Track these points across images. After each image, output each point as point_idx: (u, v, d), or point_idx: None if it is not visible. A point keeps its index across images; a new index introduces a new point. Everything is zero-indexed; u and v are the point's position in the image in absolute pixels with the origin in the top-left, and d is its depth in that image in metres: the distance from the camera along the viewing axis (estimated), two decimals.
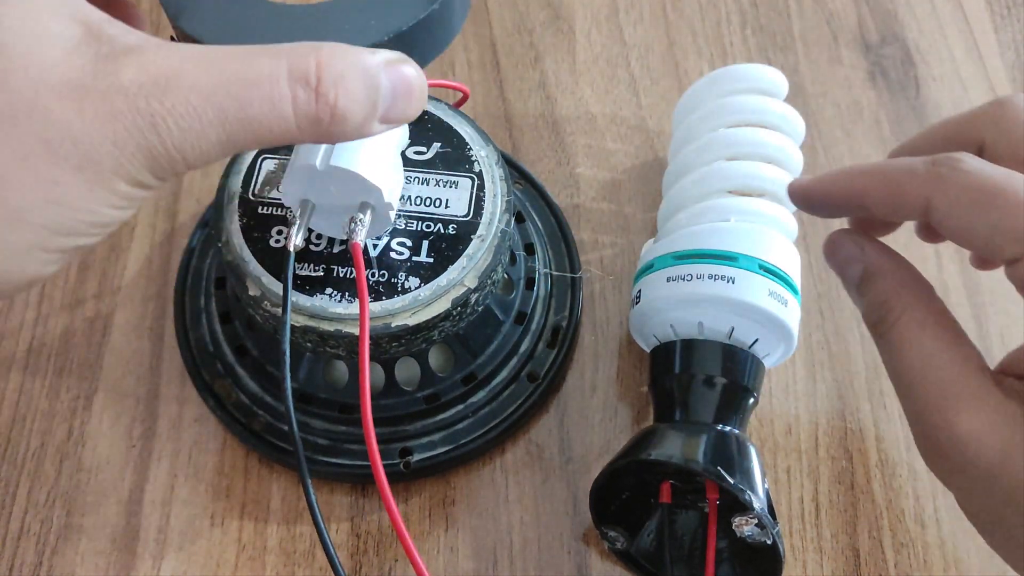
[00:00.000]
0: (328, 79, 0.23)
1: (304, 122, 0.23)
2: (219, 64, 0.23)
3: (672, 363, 0.38)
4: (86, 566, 0.39)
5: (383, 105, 0.25)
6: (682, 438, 0.35)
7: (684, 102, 0.43)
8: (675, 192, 0.41)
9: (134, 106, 0.22)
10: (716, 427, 0.36)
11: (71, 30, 0.22)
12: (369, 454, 0.29)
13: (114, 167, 0.22)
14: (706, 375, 0.37)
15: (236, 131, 0.23)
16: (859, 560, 0.39)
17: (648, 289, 0.38)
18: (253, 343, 0.41)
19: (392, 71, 0.25)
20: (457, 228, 0.36)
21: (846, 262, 0.31)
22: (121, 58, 0.22)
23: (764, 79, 0.41)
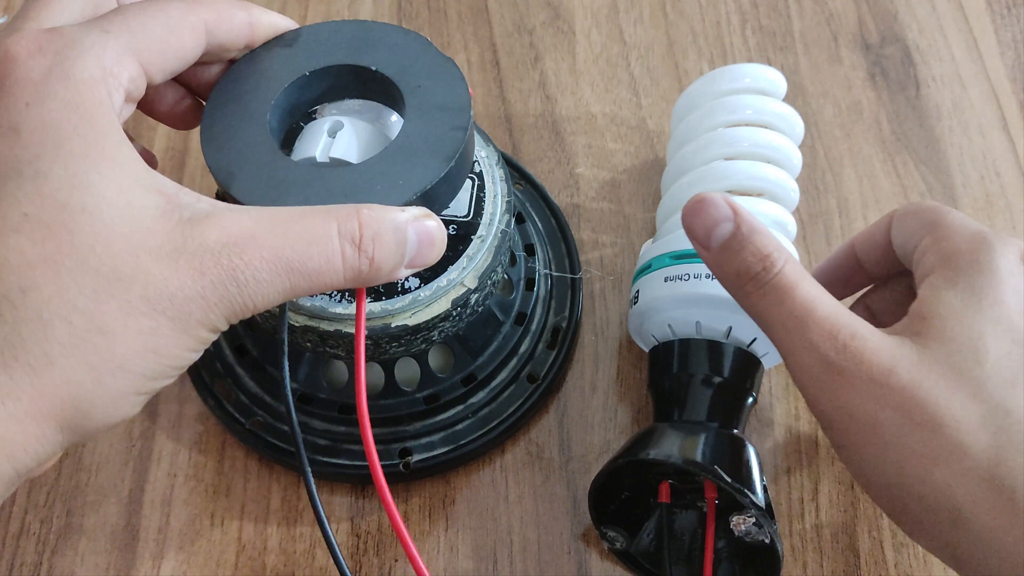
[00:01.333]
0: (368, 236, 0.27)
1: (349, 272, 0.27)
2: (284, 225, 0.26)
3: (670, 363, 0.38)
4: (86, 566, 0.39)
5: (410, 254, 0.29)
6: (680, 437, 0.35)
7: (683, 101, 0.43)
8: (673, 191, 0.41)
9: (219, 263, 0.25)
10: (714, 427, 0.36)
11: (154, 199, 0.26)
12: (367, 455, 0.29)
13: (201, 317, 0.25)
14: (704, 374, 0.37)
15: (297, 281, 0.26)
16: (859, 560, 0.39)
17: (646, 289, 0.38)
18: (252, 343, 0.41)
19: (418, 225, 0.29)
20: (457, 228, 0.36)
21: (716, 221, 0.32)
22: (203, 222, 0.26)
23: (763, 78, 0.41)
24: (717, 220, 0.32)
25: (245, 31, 0.32)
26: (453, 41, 0.53)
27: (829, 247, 0.46)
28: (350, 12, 0.54)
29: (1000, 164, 0.49)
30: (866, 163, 0.49)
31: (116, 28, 0.28)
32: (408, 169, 0.30)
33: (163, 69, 0.29)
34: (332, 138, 0.32)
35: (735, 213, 0.32)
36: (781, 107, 0.41)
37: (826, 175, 0.48)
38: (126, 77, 0.27)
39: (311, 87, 0.33)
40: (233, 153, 0.31)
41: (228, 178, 0.30)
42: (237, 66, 0.33)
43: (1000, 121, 0.50)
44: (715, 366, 0.37)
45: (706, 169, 0.39)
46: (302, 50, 0.33)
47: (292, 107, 0.33)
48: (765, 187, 0.39)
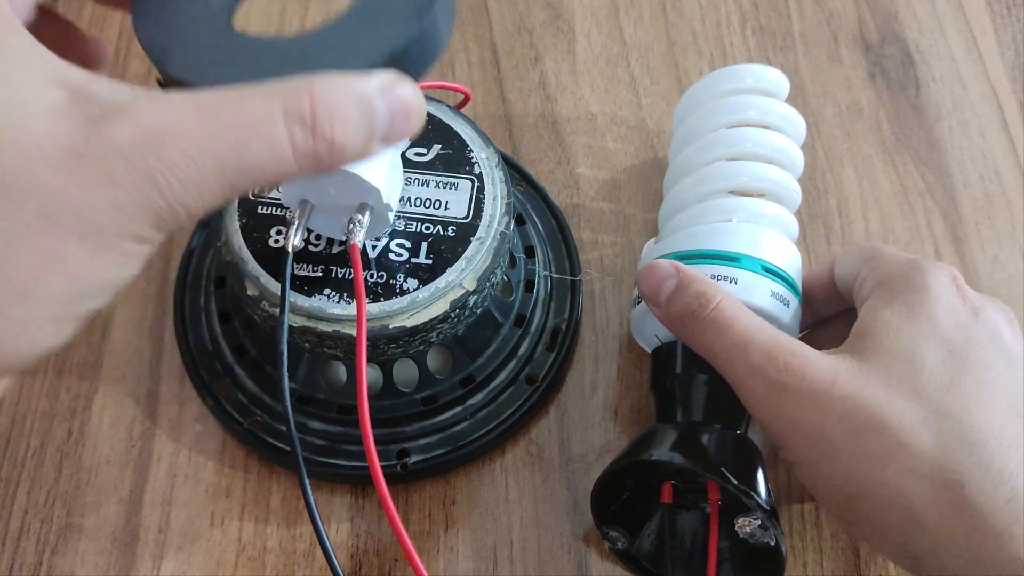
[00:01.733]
0: (323, 114, 0.23)
1: (304, 159, 0.23)
2: (213, 112, 0.22)
3: (673, 363, 0.38)
4: (86, 566, 0.39)
5: (381, 129, 0.25)
6: (684, 439, 0.35)
7: (684, 102, 0.43)
8: (676, 192, 0.41)
9: (132, 166, 0.21)
10: (717, 427, 0.36)
11: (55, 95, 0.22)
12: (367, 456, 0.29)
13: (117, 230, 0.22)
14: (707, 375, 0.36)
15: (236, 177, 0.23)
16: (859, 560, 0.39)
17: None
18: (252, 343, 0.41)
19: (388, 95, 0.24)
20: (456, 230, 0.36)
21: (661, 280, 0.35)
22: (112, 118, 0.22)
23: (765, 79, 0.41)
24: (662, 279, 0.35)
25: None
26: (453, 41, 0.53)
27: (829, 247, 0.46)
28: None
29: (1000, 164, 0.49)
30: (866, 163, 0.49)
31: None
32: (374, 30, 0.26)
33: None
34: None
35: (677, 270, 0.35)
36: (783, 108, 0.41)
37: (826, 175, 0.48)
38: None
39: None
40: (170, 25, 0.27)
41: (161, 53, 0.26)
42: None
43: (1000, 121, 0.50)
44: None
45: (709, 170, 0.39)
46: None
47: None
48: (767, 188, 0.39)
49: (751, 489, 0.33)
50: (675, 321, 0.35)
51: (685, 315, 0.34)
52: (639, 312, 0.39)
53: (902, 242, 0.46)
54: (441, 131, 0.38)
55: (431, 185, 0.37)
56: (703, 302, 0.34)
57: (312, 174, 0.24)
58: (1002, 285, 0.45)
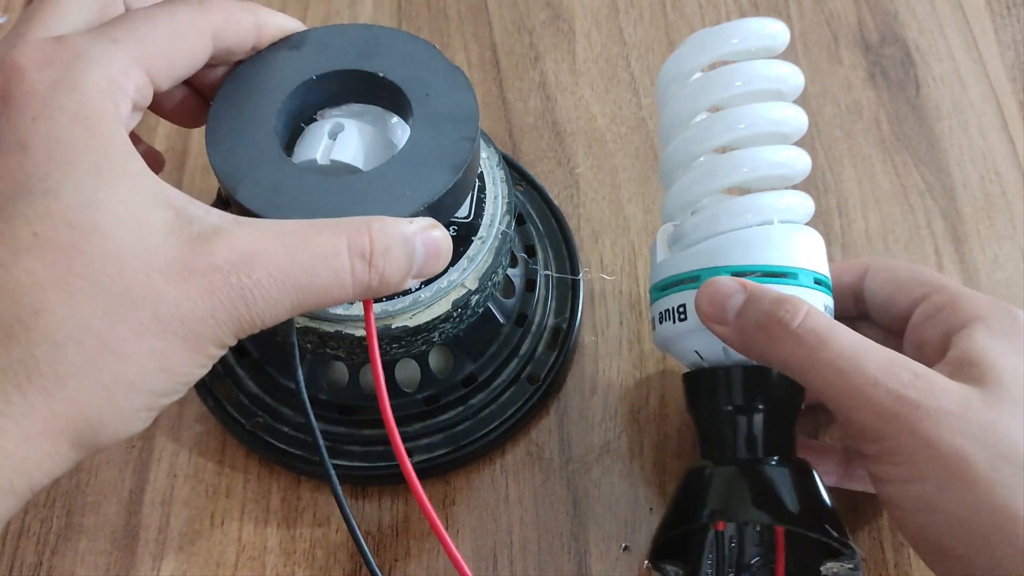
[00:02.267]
0: (379, 252, 0.27)
1: (358, 287, 0.27)
2: (291, 241, 0.26)
3: (728, 391, 0.35)
4: (86, 566, 0.39)
5: (417, 265, 0.29)
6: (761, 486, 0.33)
7: (666, 74, 0.38)
8: (685, 185, 0.37)
9: (228, 282, 0.25)
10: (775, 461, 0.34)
11: (164, 215, 0.26)
12: (396, 454, 0.30)
13: (210, 336, 0.26)
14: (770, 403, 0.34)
15: (305, 297, 0.26)
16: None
17: None
18: (253, 344, 0.41)
19: (425, 236, 0.29)
20: (458, 230, 0.36)
21: (725, 296, 0.33)
22: (212, 239, 0.25)
23: (752, 36, 0.36)
24: (727, 294, 0.33)
25: (252, 34, 0.32)
26: (453, 41, 0.53)
27: (829, 247, 0.46)
28: (350, 12, 0.54)
29: (1000, 164, 0.49)
30: (866, 163, 0.49)
31: (123, 37, 0.27)
32: (415, 179, 0.30)
33: (170, 76, 0.29)
34: (332, 140, 0.32)
35: (743, 285, 0.33)
36: (773, 69, 0.36)
37: (826, 175, 0.48)
38: (133, 87, 0.27)
39: (317, 91, 0.33)
40: (238, 157, 0.30)
41: (234, 184, 0.30)
42: (243, 68, 0.33)
43: (1000, 121, 0.50)
44: (778, 393, 0.34)
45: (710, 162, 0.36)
46: (309, 53, 0.33)
47: (298, 111, 0.33)
48: (781, 174, 0.36)
49: (847, 539, 0.32)
50: (750, 335, 0.32)
51: (769, 324, 0.32)
52: (676, 331, 0.35)
53: (902, 242, 0.46)
54: None
55: None
56: (790, 310, 0.31)
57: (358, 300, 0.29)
58: (1002, 285, 0.45)
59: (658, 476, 0.41)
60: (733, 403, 0.35)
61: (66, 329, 0.24)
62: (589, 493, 0.40)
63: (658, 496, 0.40)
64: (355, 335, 0.34)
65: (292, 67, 0.32)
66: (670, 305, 0.35)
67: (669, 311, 0.35)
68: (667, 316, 0.36)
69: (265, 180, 0.30)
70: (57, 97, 0.25)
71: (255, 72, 0.32)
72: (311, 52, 0.33)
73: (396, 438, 0.29)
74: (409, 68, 0.32)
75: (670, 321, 0.35)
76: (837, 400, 0.31)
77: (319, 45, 0.33)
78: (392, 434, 0.29)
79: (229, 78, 0.32)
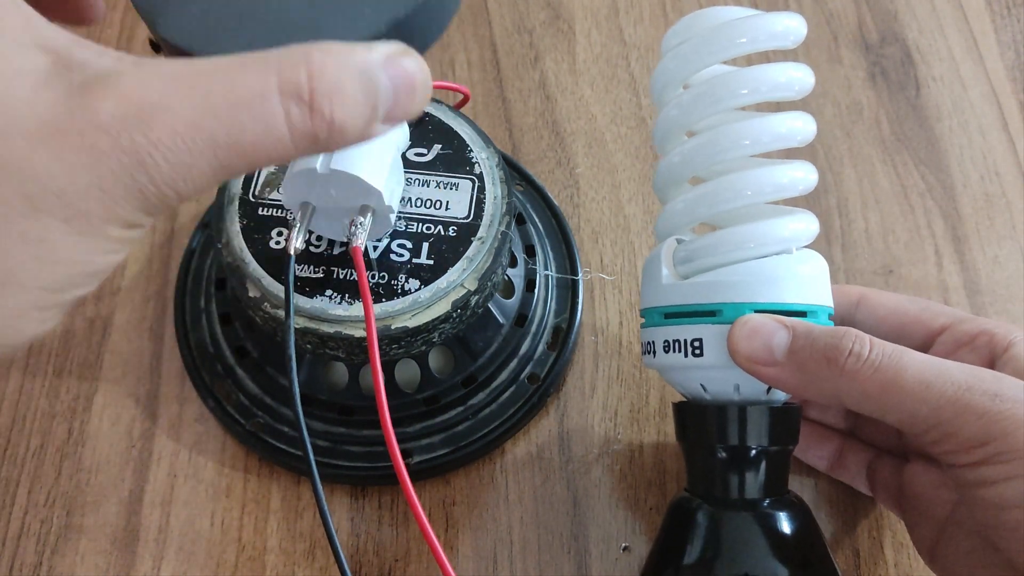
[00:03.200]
0: (322, 91, 0.21)
1: (301, 140, 0.21)
2: (204, 85, 0.20)
3: (726, 430, 0.33)
4: (86, 566, 0.39)
5: (384, 106, 0.22)
6: (775, 539, 0.32)
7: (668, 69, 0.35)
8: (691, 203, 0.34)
9: (118, 144, 0.20)
10: (769, 502, 0.33)
11: (38, 61, 0.20)
12: (391, 455, 0.28)
13: (103, 214, 0.20)
14: (765, 444, 0.33)
15: (229, 157, 0.21)
16: (859, 560, 0.39)
17: (717, 343, 0.32)
18: (253, 344, 0.41)
19: (392, 67, 0.22)
20: (457, 230, 0.36)
21: (770, 335, 0.31)
22: (97, 88, 0.20)
23: (771, 35, 0.32)
24: (771, 333, 0.31)
25: None
26: (453, 41, 0.53)
27: (829, 247, 0.46)
28: None
29: (1000, 164, 0.49)
30: (866, 163, 0.49)
31: None
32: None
33: None
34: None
35: (782, 323, 0.31)
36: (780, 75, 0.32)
37: (826, 175, 0.48)
38: None
39: None
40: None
41: (154, 12, 0.25)
42: None
43: (1000, 121, 0.50)
44: (780, 433, 0.33)
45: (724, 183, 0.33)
46: None
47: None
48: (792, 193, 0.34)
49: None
50: (812, 372, 0.31)
51: (837, 358, 0.30)
52: (687, 365, 0.33)
53: (902, 242, 0.46)
54: (441, 131, 0.38)
55: (432, 185, 0.37)
56: (858, 341, 0.30)
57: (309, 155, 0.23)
58: (1002, 285, 0.45)
59: (658, 476, 0.41)
60: (742, 442, 0.33)
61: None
62: (589, 493, 0.40)
63: (658, 496, 0.40)
64: (355, 336, 0.34)
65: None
66: (681, 337, 0.33)
67: (680, 343, 0.33)
68: (675, 347, 0.33)
69: (195, 8, 0.25)
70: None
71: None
72: None
73: (392, 441, 0.28)
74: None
75: (679, 353, 0.33)
76: (931, 415, 0.29)
77: None
78: (388, 437, 0.28)
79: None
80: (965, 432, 0.29)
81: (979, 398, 0.29)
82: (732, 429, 0.33)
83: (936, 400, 0.29)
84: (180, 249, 0.45)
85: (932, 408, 0.29)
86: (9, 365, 0.43)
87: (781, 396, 0.33)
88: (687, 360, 0.33)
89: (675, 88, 0.35)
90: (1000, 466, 0.29)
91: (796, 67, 0.33)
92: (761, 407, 0.33)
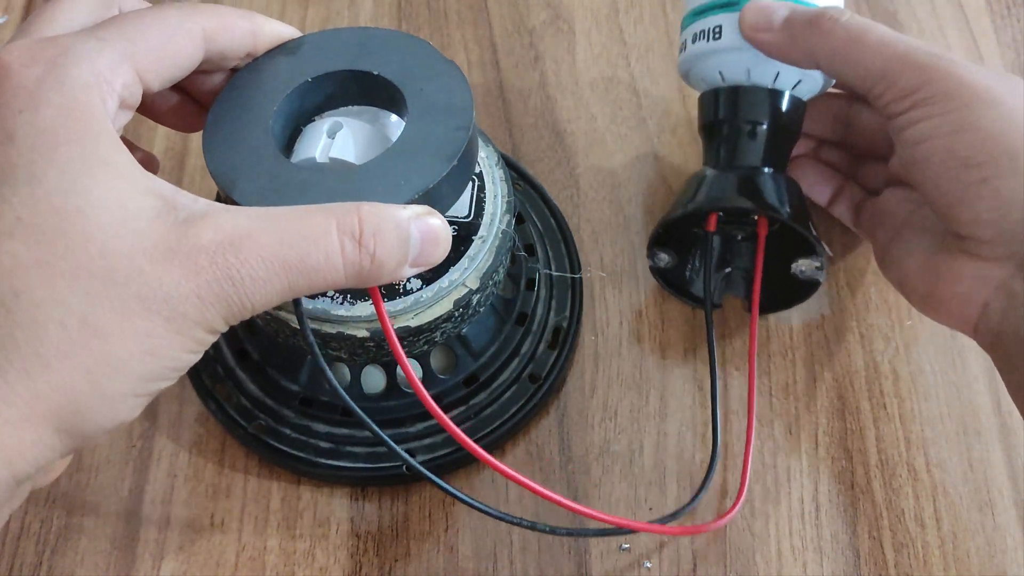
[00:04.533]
0: (368, 231, 0.27)
1: (350, 268, 0.27)
2: (281, 223, 0.26)
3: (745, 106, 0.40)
4: (86, 566, 0.39)
5: (413, 252, 0.29)
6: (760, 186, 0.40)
7: None
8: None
9: (214, 263, 0.25)
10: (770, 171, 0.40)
11: (151, 202, 0.26)
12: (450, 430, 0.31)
13: (197, 317, 0.25)
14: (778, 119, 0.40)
15: (296, 278, 0.26)
16: (859, 560, 0.39)
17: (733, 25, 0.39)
18: (254, 346, 0.41)
19: (421, 223, 0.29)
20: (458, 229, 0.36)
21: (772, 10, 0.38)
22: (198, 222, 0.25)
23: None
24: (773, 8, 0.38)
25: (247, 40, 0.32)
26: (453, 41, 0.53)
27: (829, 247, 0.46)
28: (350, 13, 0.54)
29: None
30: None
31: (111, 35, 0.28)
32: (410, 169, 0.30)
33: (160, 75, 0.29)
34: (331, 139, 0.32)
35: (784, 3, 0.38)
36: None
37: None
38: (120, 83, 0.27)
39: (314, 93, 0.33)
40: (235, 158, 0.31)
41: (230, 183, 0.30)
42: (240, 74, 0.33)
43: None
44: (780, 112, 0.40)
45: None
46: (305, 57, 0.33)
47: (295, 113, 0.33)
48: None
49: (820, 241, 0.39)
50: (799, 33, 0.37)
51: (819, 22, 0.36)
52: (710, 48, 0.40)
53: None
54: None
55: None
56: (836, 11, 0.37)
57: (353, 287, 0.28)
58: None
59: (658, 476, 0.41)
60: (746, 117, 0.40)
61: (47, 310, 0.24)
62: (589, 493, 0.40)
63: (658, 496, 0.40)
64: (357, 336, 0.34)
65: (289, 71, 0.33)
66: (706, 26, 0.40)
67: (704, 32, 0.40)
68: (701, 36, 0.40)
69: (261, 178, 0.30)
70: (44, 91, 0.26)
71: (252, 77, 0.33)
72: (307, 55, 0.33)
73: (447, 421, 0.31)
74: (404, 65, 0.33)
75: (704, 40, 0.40)
76: (882, 66, 0.35)
77: (315, 48, 0.33)
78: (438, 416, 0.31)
79: (227, 84, 0.33)
80: (903, 82, 0.35)
81: (923, 55, 0.35)
82: (733, 105, 0.41)
83: (888, 54, 0.35)
84: None
85: (884, 61, 0.35)
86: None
87: (786, 86, 0.40)
88: (709, 44, 0.40)
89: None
90: (923, 108, 0.34)
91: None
92: (765, 89, 0.40)
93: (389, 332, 0.31)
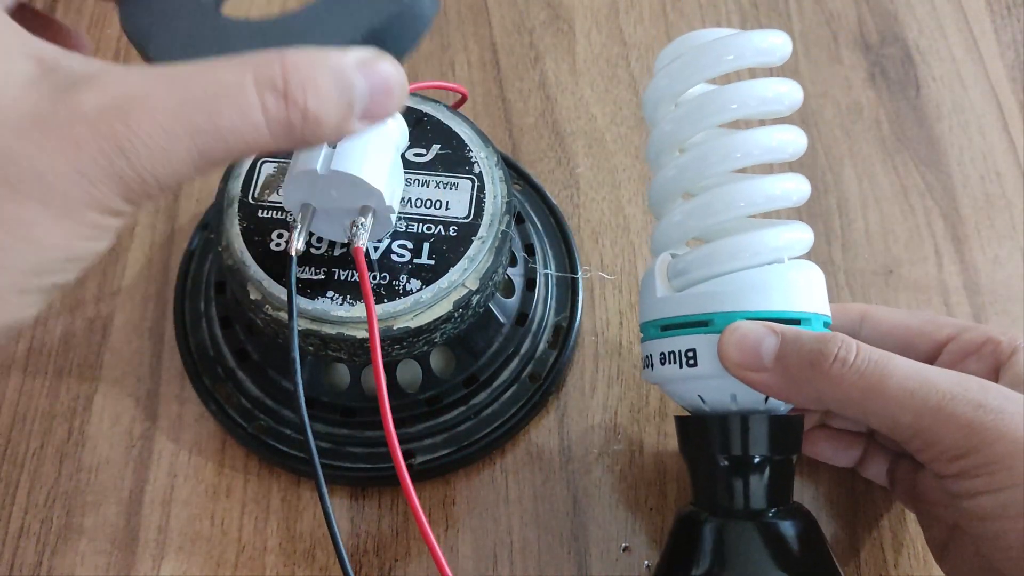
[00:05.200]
0: (295, 82, 0.23)
1: (277, 128, 0.23)
2: (183, 80, 0.22)
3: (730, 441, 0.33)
4: (86, 566, 0.39)
5: (360, 104, 0.24)
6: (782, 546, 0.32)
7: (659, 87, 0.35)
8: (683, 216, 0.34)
9: (97, 131, 0.21)
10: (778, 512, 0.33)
11: (24, 66, 0.22)
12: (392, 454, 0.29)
13: (83, 198, 0.21)
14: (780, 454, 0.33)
15: (207, 145, 0.22)
16: (859, 560, 0.39)
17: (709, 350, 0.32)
18: (254, 347, 0.41)
19: (367, 69, 0.24)
20: (458, 230, 0.36)
21: (758, 341, 0.31)
22: (80, 86, 0.21)
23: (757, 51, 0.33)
24: (759, 339, 0.31)
25: None
26: (453, 41, 0.53)
27: (829, 248, 0.46)
28: None
29: (1000, 164, 0.49)
30: (866, 163, 0.49)
31: None
32: (354, 8, 0.26)
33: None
34: None
35: (771, 329, 0.31)
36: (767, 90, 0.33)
37: (826, 175, 0.48)
38: None
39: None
40: (155, 12, 0.27)
41: (144, 37, 0.26)
42: None
43: (1000, 121, 0.50)
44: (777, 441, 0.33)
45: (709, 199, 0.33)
46: None
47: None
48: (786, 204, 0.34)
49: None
50: (798, 377, 0.31)
51: (822, 363, 0.30)
52: (683, 376, 0.33)
53: (902, 242, 0.47)
54: (440, 131, 0.38)
55: (431, 185, 0.37)
56: (844, 346, 0.30)
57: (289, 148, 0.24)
58: (1002, 285, 0.45)
59: (658, 476, 0.41)
60: (752, 452, 0.33)
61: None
62: (589, 493, 0.40)
63: (658, 496, 0.40)
64: (357, 337, 0.34)
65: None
66: (676, 348, 0.33)
67: (675, 354, 0.33)
68: (671, 359, 0.33)
69: (182, 32, 0.26)
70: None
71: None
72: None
73: (393, 440, 0.29)
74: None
75: (675, 364, 0.33)
76: (913, 423, 0.29)
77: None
78: (390, 436, 0.29)
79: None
80: (947, 442, 0.29)
81: (962, 408, 0.28)
82: (733, 439, 0.33)
83: (919, 408, 0.29)
84: (180, 250, 0.45)
85: (914, 416, 0.29)
86: (9, 364, 0.43)
87: (780, 405, 0.33)
88: (683, 371, 0.33)
89: (667, 106, 0.35)
90: (981, 478, 0.29)
91: (783, 82, 0.33)
92: (761, 416, 0.33)
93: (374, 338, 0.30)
